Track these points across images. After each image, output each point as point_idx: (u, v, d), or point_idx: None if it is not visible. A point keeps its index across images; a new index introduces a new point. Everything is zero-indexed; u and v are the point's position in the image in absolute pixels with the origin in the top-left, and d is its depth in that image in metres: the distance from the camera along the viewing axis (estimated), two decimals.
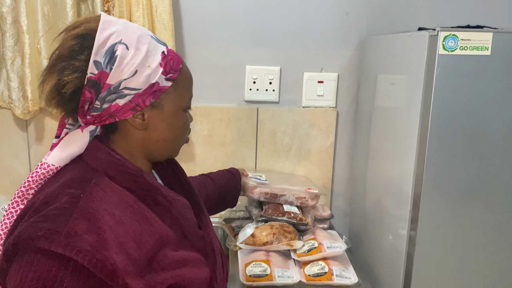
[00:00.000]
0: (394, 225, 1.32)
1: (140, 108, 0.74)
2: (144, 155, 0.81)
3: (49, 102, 0.73)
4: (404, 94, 1.28)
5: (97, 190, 0.70)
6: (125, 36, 0.71)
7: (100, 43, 0.69)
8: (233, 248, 1.42)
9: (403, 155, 1.26)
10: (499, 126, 1.17)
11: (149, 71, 0.72)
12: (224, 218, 1.59)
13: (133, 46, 0.71)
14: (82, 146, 0.75)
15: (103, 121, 0.74)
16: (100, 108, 0.72)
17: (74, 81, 0.69)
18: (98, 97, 0.71)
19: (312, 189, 1.47)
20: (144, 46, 0.73)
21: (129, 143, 0.78)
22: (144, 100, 0.73)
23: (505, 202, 1.21)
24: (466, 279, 1.26)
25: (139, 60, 0.71)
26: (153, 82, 0.73)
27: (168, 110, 0.78)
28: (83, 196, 0.67)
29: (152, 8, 1.44)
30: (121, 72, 0.70)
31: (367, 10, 1.60)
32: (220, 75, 1.62)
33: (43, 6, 1.43)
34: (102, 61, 0.69)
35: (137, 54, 0.71)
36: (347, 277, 1.27)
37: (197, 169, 1.66)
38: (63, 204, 0.65)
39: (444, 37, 1.10)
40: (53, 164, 0.74)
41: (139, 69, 0.71)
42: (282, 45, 1.61)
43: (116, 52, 0.70)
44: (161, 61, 0.74)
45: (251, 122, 1.64)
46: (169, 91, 0.76)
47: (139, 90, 0.72)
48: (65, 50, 0.70)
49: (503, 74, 1.14)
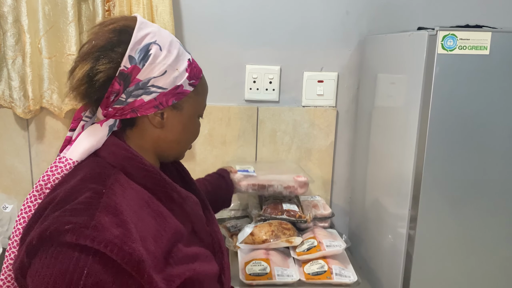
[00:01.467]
0: (394, 224, 1.33)
1: (162, 106, 0.77)
2: (155, 153, 0.84)
3: (77, 89, 0.75)
4: (404, 93, 1.28)
5: (117, 186, 0.72)
6: (159, 38, 0.76)
7: (137, 40, 0.73)
8: (232, 249, 1.43)
9: (402, 154, 1.27)
10: (498, 125, 1.17)
11: (177, 73, 0.77)
12: (217, 219, 1.59)
13: (166, 48, 0.76)
14: (100, 141, 0.77)
15: (124, 115, 0.77)
16: (125, 101, 0.75)
17: (107, 71, 0.72)
18: (125, 90, 0.74)
19: (301, 176, 1.46)
20: (175, 50, 0.78)
21: (144, 139, 0.81)
22: (168, 99, 0.77)
23: (503, 201, 1.22)
24: (464, 277, 1.26)
25: (169, 61, 0.76)
26: (178, 84, 0.78)
27: (187, 113, 0.82)
28: (105, 191, 0.69)
29: (152, 7, 1.44)
30: (152, 70, 0.74)
31: (367, 9, 1.61)
32: (221, 75, 1.62)
33: (44, 5, 1.43)
34: (136, 57, 0.73)
35: (168, 56, 0.76)
36: (346, 276, 1.27)
37: (198, 168, 1.67)
38: (87, 198, 0.67)
39: (443, 36, 1.10)
40: (72, 159, 0.76)
41: (168, 70, 0.76)
42: (282, 44, 1.61)
43: (150, 50, 0.74)
44: (187, 67, 0.79)
45: (251, 121, 1.65)
46: (190, 96, 0.81)
47: (165, 89, 0.77)
48: (103, 41, 0.73)
49: (502, 73, 1.14)
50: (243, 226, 1.50)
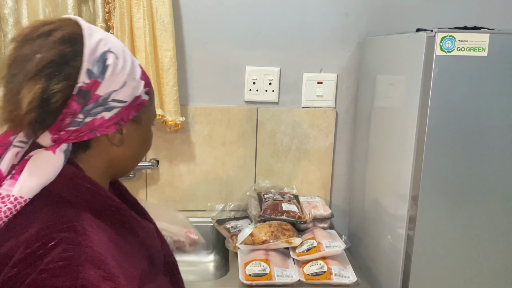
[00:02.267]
0: (393, 225, 1.33)
1: (123, 122, 0.68)
2: (110, 174, 0.74)
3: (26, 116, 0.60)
4: (403, 94, 1.29)
5: (89, 229, 0.61)
6: (112, 45, 0.66)
7: (91, 50, 0.62)
8: (232, 250, 1.43)
9: (401, 155, 1.27)
10: (496, 126, 1.17)
11: (135, 83, 0.68)
12: (217, 220, 1.60)
13: (121, 56, 0.66)
14: (56, 172, 0.63)
15: (80, 138, 0.65)
16: (82, 122, 0.63)
17: (65, 90, 0.60)
18: (83, 109, 0.63)
19: (193, 233, 1.32)
20: (129, 57, 0.68)
21: (99, 161, 0.70)
22: (129, 113, 0.68)
23: (502, 201, 1.22)
24: (464, 278, 1.27)
25: (127, 71, 0.67)
26: (138, 95, 0.69)
27: (144, 124, 0.74)
28: (81, 240, 0.59)
29: (152, 9, 1.45)
30: (112, 82, 0.64)
31: (366, 11, 1.61)
32: (220, 76, 1.63)
33: (45, 7, 1.44)
34: (95, 69, 0.62)
35: (125, 65, 0.67)
36: (346, 276, 1.28)
37: (197, 169, 1.67)
38: (64, 252, 0.57)
39: (441, 38, 1.11)
40: (22, 197, 0.61)
41: (127, 81, 0.67)
42: (281, 46, 1.62)
43: (107, 60, 0.64)
44: (141, 74, 0.71)
45: (251, 123, 1.65)
46: (147, 105, 0.72)
47: (125, 102, 0.67)
48: (52, 54, 0.60)
49: (500, 74, 1.15)
50: (243, 227, 1.51)
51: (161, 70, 1.49)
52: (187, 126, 1.63)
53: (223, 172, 1.69)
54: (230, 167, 1.68)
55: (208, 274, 1.56)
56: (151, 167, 1.62)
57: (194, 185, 1.69)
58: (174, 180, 1.68)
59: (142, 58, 1.46)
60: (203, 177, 1.69)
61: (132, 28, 1.45)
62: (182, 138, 1.65)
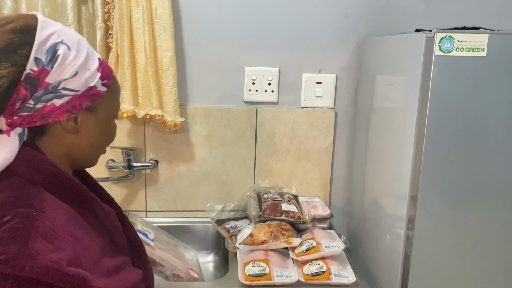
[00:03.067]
0: (392, 225, 1.33)
1: (76, 110, 0.73)
2: (69, 162, 0.79)
3: None
4: (402, 95, 1.29)
5: (46, 206, 0.67)
6: (66, 38, 0.71)
7: (42, 40, 0.67)
8: (232, 250, 1.43)
9: (400, 155, 1.27)
10: (495, 126, 1.18)
11: (88, 74, 0.73)
12: (216, 220, 1.60)
13: (75, 48, 0.71)
14: (13, 153, 0.69)
15: (33, 123, 0.70)
16: (33, 107, 0.68)
17: (11, 76, 0.65)
18: (33, 95, 0.67)
19: (194, 271, 1.38)
20: (84, 49, 0.73)
21: (57, 147, 0.75)
22: (81, 102, 0.73)
23: (501, 201, 1.22)
24: (463, 278, 1.27)
25: (80, 62, 0.71)
26: (91, 85, 0.73)
27: (102, 115, 0.78)
28: (36, 215, 0.64)
29: (152, 9, 1.45)
30: (62, 71, 0.69)
31: (366, 11, 1.62)
32: (220, 76, 1.63)
33: (44, 8, 1.44)
34: (43, 58, 0.67)
35: (78, 56, 0.71)
36: (345, 277, 1.28)
37: (197, 169, 1.67)
38: (17, 224, 0.62)
39: (440, 38, 1.11)
40: None
41: (79, 71, 0.71)
42: (281, 46, 1.62)
43: (58, 51, 0.69)
44: (98, 66, 0.75)
45: (251, 123, 1.66)
46: (104, 96, 0.77)
47: (77, 92, 0.72)
48: (1, 43, 0.66)
49: (499, 75, 1.15)
50: (242, 227, 1.51)
51: (160, 70, 1.49)
52: (187, 126, 1.63)
53: (223, 173, 1.69)
54: (230, 167, 1.69)
55: (207, 274, 1.56)
56: (150, 167, 1.62)
57: (194, 185, 1.69)
58: (174, 181, 1.68)
59: (142, 58, 1.46)
60: (202, 177, 1.69)
61: (131, 28, 1.45)
62: (181, 139, 1.65)
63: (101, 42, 1.50)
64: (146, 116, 1.49)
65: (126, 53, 1.45)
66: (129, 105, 1.49)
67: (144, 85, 1.48)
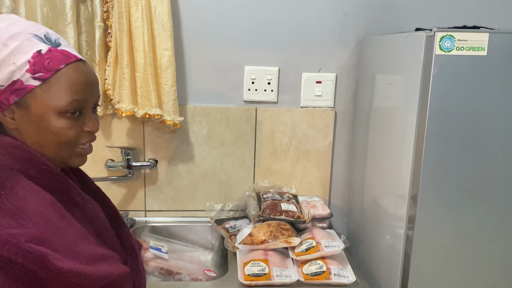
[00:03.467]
0: (392, 224, 1.33)
1: (5, 106, 0.72)
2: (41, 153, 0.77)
3: None
4: (402, 94, 1.28)
5: (18, 188, 0.68)
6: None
7: None
8: (231, 249, 1.43)
9: (400, 154, 1.27)
10: (495, 126, 1.17)
11: (13, 67, 0.70)
12: (216, 220, 1.60)
13: (1, 42, 0.70)
14: None
15: None
16: None
17: None
18: None
19: (211, 271, 1.45)
20: (14, 43, 0.71)
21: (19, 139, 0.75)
22: (7, 97, 0.72)
23: (501, 201, 1.22)
24: (462, 277, 1.27)
25: (2, 56, 0.70)
26: (15, 80, 0.71)
27: (35, 111, 0.73)
28: (4, 193, 0.66)
29: (151, 8, 1.44)
30: None
31: (365, 10, 1.61)
32: (219, 76, 1.62)
33: (43, 7, 1.43)
34: None
35: (3, 49, 0.70)
36: (345, 276, 1.28)
37: (196, 169, 1.67)
38: None
39: (440, 37, 1.11)
40: None
41: (2, 65, 0.70)
42: (280, 45, 1.62)
43: None
44: (30, 59, 0.71)
45: (250, 122, 1.65)
46: (36, 91, 0.72)
47: (1, 86, 0.71)
48: None
49: (499, 74, 1.14)
50: (242, 227, 1.50)
51: (159, 69, 1.49)
52: (186, 126, 1.63)
53: (222, 172, 1.68)
54: (229, 167, 1.68)
55: None
56: (149, 167, 1.61)
57: (193, 185, 1.69)
58: (173, 180, 1.68)
59: (141, 58, 1.45)
60: (202, 177, 1.68)
61: (130, 28, 1.44)
62: (180, 138, 1.64)
63: (100, 41, 1.49)
64: (145, 115, 1.49)
65: (125, 52, 1.45)
66: (128, 104, 1.49)
67: (143, 84, 1.48)
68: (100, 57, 1.50)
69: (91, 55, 1.51)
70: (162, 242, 1.51)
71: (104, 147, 1.61)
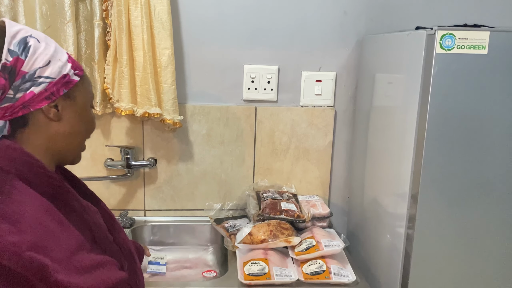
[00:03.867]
0: (392, 224, 1.33)
1: (54, 97, 0.76)
2: (52, 154, 0.80)
3: None
4: (402, 93, 1.28)
5: (15, 192, 0.69)
6: (33, 33, 0.76)
7: (12, 35, 0.72)
8: (231, 249, 1.43)
9: (400, 153, 1.27)
10: (496, 125, 1.17)
11: (60, 63, 0.77)
12: (215, 219, 1.60)
13: (43, 41, 0.76)
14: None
15: (15, 113, 0.73)
16: (14, 97, 0.72)
17: None
18: (12, 85, 0.71)
19: (211, 270, 1.49)
20: (52, 43, 0.78)
21: (39, 138, 0.77)
22: (58, 89, 0.76)
23: (502, 200, 1.22)
24: (463, 277, 1.26)
25: (51, 52, 0.75)
26: (65, 73, 0.77)
27: (80, 102, 0.81)
28: (1, 199, 0.66)
29: (150, 7, 1.44)
30: (35, 60, 0.73)
31: (365, 9, 1.61)
32: (219, 74, 1.62)
33: (41, 5, 1.43)
34: (16, 49, 0.71)
35: (48, 47, 0.76)
36: (345, 276, 1.27)
37: (196, 168, 1.66)
38: None
39: (441, 36, 1.11)
40: None
41: (52, 60, 0.75)
42: (280, 44, 1.61)
43: (29, 43, 0.73)
44: (68, 58, 0.79)
45: (250, 121, 1.65)
46: (78, 85, 0.80)
47: (53, 79, 0.75)
48: None
49: (500, 72, 1.14)
50: (242, 226, 1.50)
51: (159, 68, 1.48)
52: (185, 124, 1.63)
53: (222, 171, 1.68)
54: (229, 166, 1.68)
55: None
56: (149, 166, 1.61)
57: (192, 184, 1.68)
58: (172, 179, 1.67)
59: (140, 56, 1.45)
60: (201, 176, 1.68)
61: (129, 26, 1.44)
62: (180, 137, 1.64)
63: (99, 40, 1.49)
64: (144, 114, 1.48)
65: (125, 51, 1.44)
66: (127, 103, 1.48)
67: (143, 83, 1.47)
68: (99, 55, 1.50)
69: (90, 54, 1.51)
70: (161, 253, 1.53)
71: (103, 146, 1.61)
